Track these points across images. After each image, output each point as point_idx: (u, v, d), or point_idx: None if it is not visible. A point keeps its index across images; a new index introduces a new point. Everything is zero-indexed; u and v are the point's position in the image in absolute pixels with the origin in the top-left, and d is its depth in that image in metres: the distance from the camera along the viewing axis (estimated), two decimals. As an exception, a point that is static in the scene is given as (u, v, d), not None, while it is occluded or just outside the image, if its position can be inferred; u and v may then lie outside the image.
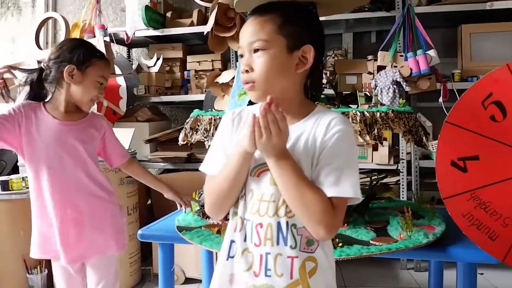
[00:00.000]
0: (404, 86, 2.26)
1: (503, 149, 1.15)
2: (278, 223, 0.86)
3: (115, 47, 3.18)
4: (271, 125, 0.80)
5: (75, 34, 2.80)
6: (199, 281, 2.30)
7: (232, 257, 0.92)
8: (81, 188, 1.43)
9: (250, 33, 0.88)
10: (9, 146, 1.41)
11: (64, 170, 1.40)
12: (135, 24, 2.87)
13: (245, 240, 0.90)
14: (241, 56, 0.91)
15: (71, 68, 1.39)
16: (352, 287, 2.36)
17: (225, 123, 0.97)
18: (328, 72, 2.36)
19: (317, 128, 0.87)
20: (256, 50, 0.87)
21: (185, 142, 1.51)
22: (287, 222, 0.86)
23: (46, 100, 1.47)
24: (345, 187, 0.82)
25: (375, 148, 2.53)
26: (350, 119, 1.30)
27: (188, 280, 2.40)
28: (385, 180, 2.58)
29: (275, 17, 0.87)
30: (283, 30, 0.86)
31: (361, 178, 2.60)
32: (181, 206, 1.65)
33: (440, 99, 2.39)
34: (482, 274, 2.44)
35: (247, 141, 0.83)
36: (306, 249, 0.87)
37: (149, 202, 2.81)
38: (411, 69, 2.33)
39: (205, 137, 1.43)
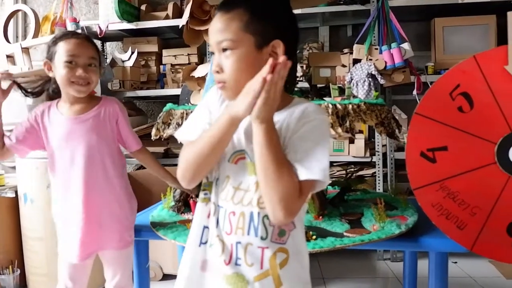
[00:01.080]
0: (379, 79, 2.29)
1: (471, 139, 1.17)
2: (251, 213, 0.86)
3: (89, 41, 3.12)
4: (273, 87, 0.77)
5: (46, 28, 2.72)
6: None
7: (205, 243, 0.91)
8: (101, 183, 1.43)
9: (217, 31, 0.86)
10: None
11: (83, 165, 1.40)
12: (108, 17, 2.81)
13: (216, 226, 0.89)
14: (213, 53, 0.89)
15: (46, 63, 1.39)
16: (330, 279, 2.38)
17: (215, 96, 0.94)
18: (304, 66, 2.36)
19: (291, 117, 0.86)
20: (224, 49, 0.85)
21: (157, 137, 1.49)
22: (258, 213, 0.85)
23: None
24: (314, 170, 0.79)
25: (351, 141, 2.55)
26: (327, 116, 1.30)
27: (166, 276, 2.38)
28: (361, 173, 2.61)
29: (242, 13, 0.85)
30: (250, 27, 0.84)
31: (337, 171, 2.64)
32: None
33: (414, 92, 2.43)
34: (455, 262, 2.50)
35: (243, 105, 0.79)
36: (278, 240, 0.86)
37: (126, 198, 2.77)
38: (385, 62, 2.35)
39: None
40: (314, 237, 1.30)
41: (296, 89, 1.58)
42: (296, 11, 1.01)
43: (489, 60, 1.16)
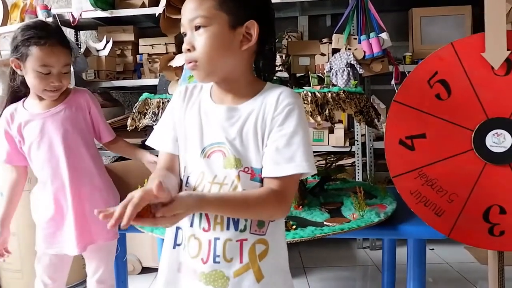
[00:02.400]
0: (358, 68, 2.28)
1: (449, 126, 1.18)
2: None
3: (61, 30, 3.02)
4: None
5: (15, 16, 2.61)
6: (156, 270, 2.24)
7: (179, 245, 0.89)
8: (81, 176, 1.40)
9: (190, 9, 0.84)
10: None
11: (63, 158, 1.37)
12: (81, 5, 2.71)
13: (191, 225, 0.86)
14: (184, 34, 0.86)
15: (14, 61, 1.33)
16: (310, 268, 2.39)
17: (177, 98, 0.93)
18: (283, 55, 2.34)
19: (266, 104, 0.85)
20: (197, 28, 0.82)
21: (133, 127, 1.45)
22: None
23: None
24: (302, 163, 0.81)
25: (331, 131, 2.56)
26: (301, 99, 1.29)
27: (145, 270, 2.34)
28: (341, 162, 2.62)
29: None
30: (224, 5, 0.82)
31: (317, 161, 2.65)
32: None
33: (393, 82, 2.44)
34: (432, 249, 2.55)
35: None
36: (257, 231, 0.85)
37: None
38: (364, 52, 2.35)
39: (153, 121, 1.37)
40: (294, 226, 1.29)
41: (275, 77, 1.57)
42: (274, 0, 0.99)
43: (466, 47, 1.17)
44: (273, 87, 0.89)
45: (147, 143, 0.94)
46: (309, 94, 1.29)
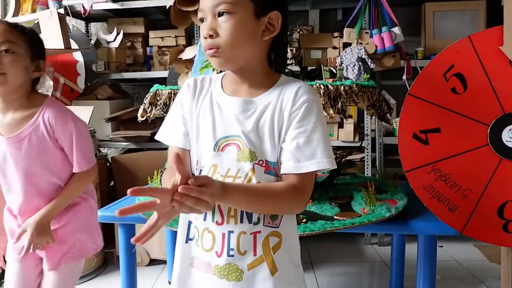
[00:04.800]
0: (369, 63, 2.26)
1: (464, 121, 1.16)
2: None
3: (72, 21, 3.02)
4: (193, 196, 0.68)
5: (27, 6, 2.62)
6: (164, 262, 2.26)
7: (191, 239, 0.88)
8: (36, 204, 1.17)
9: None
10: None
11: (21, 201, 1.17)
12: (92, -4, 2.71)
13: (205, 219, 0.86)
14: (202, 20, 0.84)
15: None
16: (317, 263, 2.39)
17: (186, 91, 0.91)
18: (294, 49, 2.33)
19: (284, 98, 0.84)
20: (220, 14, 0.80)
21: (144, 118, 1.44)
22: None
23: None
24: (322, 159, 0.81)
25: (340, 126, 2.54)
26: (319, 96, 1.28)
27: (153, 262, 2.35)
28: (350, 157, 2.60)
29: None
30: None
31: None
32: None
33: (404, 77, 2.41)
34: (441, 246, 2.53)
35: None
36: (271, 223, 0.84)
37: (112, 183, 2.72)
38: (376, 46, 2.32)
39: (164, 112, 1.37)
40: (304, 220, 1.29)
41: (286, 71, 1.55)
42: None
43: (483, 40, 1.15)
44: (290, 80, 0.88)
45: (156, 137, 0.92)
46: (322, 86, 1.28)
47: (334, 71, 1.76)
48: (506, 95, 1.14)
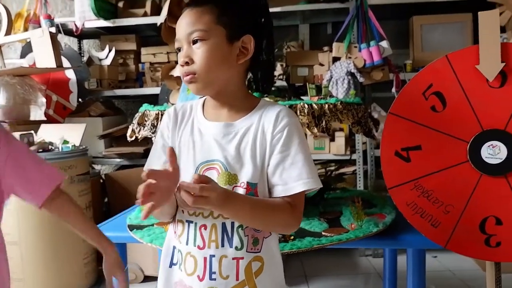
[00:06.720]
0: (358, 77, 2.29)
1: (444, 138, 1.18)
2: (223, 224, 0.84)
3: (65, 39, 3.05)
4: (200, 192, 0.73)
5: (19, 25, 2.65)
6: (158, 278, 2.26)
7: (175, 263, 0.90)
8: None
9: (187, 24, 0.85)
10: None
11: None
12: (84, 14, 2.74)
13: (187, 243, 0.87)
14: (178, 50, 0.87)
15: None
16: (312, 277, 2.39)
17: (167, 120, 0.94)
18: (284, 64, 2.36)
19: (265, 122, 0.86)
20: (195, 42, 0.84)
21: (133, 138, 1.46)
22: (232, 224, 0.84)
23: None
24: (308, 180, 0.84)
25: (332, 139, 2.56)
26: (298, 111, 1.30)
27: (147, 278, 2.35)
28: (342, 170, 2.62)
29: (212, 7, 0.84)
30: (222, 19, 0.84)
31: (318, 169, 2.65)
32: None
33: (393, 89, 2.44)
34: (435, 257, 2.54)
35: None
36: (253, 249, 0.86)
37: (106, 200, 2.73)
38: (364, 60, 2.36)
39: (152, 133, 1.39)
40: (292, 237, 1.30)
41: (273, 88, 1.58)
42: (276, 9, 1.00)
43: (461, 59, 1.17)
44: (270, 104, 0.90)
45: (144, 169, 0.93)
46: (306, 106, 1.30)
47: (321, 87, 1.79)
48: (484, 113, 1.16)
